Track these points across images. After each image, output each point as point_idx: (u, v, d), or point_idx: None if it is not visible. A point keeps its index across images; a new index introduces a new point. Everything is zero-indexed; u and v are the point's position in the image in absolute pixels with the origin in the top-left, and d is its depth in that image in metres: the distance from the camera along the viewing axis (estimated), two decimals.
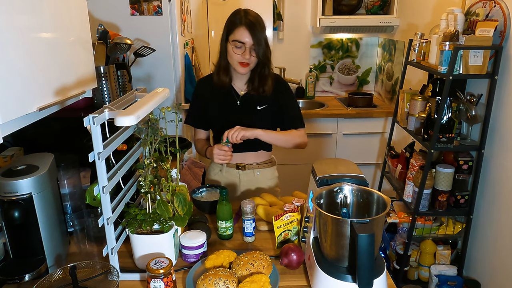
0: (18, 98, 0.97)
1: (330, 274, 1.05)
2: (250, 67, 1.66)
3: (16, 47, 0.96)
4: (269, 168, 1.89)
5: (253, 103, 1.74)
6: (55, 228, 1.22)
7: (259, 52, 1.62)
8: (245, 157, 1.82)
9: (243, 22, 1.60)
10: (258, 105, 1.74)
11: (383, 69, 3.54)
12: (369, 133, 3.27)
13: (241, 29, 1.59)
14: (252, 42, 1.60)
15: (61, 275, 1.09)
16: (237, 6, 3.26)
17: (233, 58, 1.64)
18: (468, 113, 1.97)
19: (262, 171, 1.86)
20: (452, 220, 2.22)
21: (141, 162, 1.31)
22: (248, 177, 1.85)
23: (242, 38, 1.59)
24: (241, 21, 1.60)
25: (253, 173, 1.84)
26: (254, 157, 1.85)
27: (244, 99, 1.75)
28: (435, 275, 2.19)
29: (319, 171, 1.21)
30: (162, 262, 1.07)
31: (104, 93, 1.69)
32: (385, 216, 1.05)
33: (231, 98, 1.76)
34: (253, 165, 1.84)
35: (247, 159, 1.83)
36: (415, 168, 2.14)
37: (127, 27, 2.17)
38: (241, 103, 1.75)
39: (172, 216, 1.21)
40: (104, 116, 1.05)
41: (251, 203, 1.41)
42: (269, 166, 1.89)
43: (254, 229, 1.42)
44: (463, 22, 1.98)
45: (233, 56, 1.63)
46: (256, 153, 1.84)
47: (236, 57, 1.62)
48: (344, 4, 3.35)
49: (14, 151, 1.57)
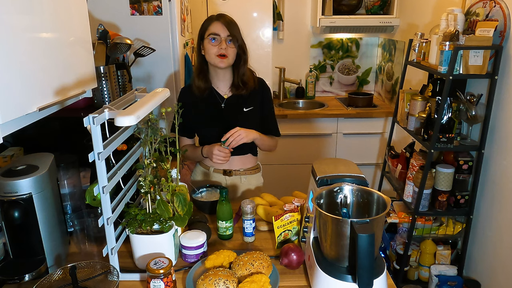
0: (18, 98, 0.97)
1: (330, 274, 1.05)
2: (229, 60, 1.66)
3: (16, 47, 0.96)
4: (255, 175, 1.89)
5: (239, 105, 1.75)
6: (55, 228, 1.22)
7: (235, 43, 1.64)
8: (232, 162, 1.78)
9: (216, 17, 1.66)
10: (244, 107, 1.75)
11: (383, 69, 3.54)
12: (369, 133, 3.27)
13: (215, 23, 1.65)
14: (228, 33, 1.63)
15: (61, 275, 1.09)
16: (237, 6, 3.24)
17: (210, 53, 1.65)
18: (468, 113, 1.97)
19: (248, 177, 1.86)
20: (452, 220, 2.22)
21: (141, 162, 1.31)
22: (234, 182, 1.84)
23: (217, 30, 1.63)
24: (214, 17, 1.66)
25: (239, 179, 1.84)
26: (241, 162, 1.84)
27: (229, 101, 1.76)
28: (435, 275, 2.19)
29: (319, 171, 1.21)
30: (162, 262, 1.07)
31: (104, 93, 1.69)
32: (385, 216, 1.05)
33: (215, 101, 1.76)
34: (239, 171, 1.84)
35: (234, 164, 1.82)
36: (415, 168, 2.14)
37: (127, 27, 2.17)
38: (226, 106, 1.76)
39: (172, 216, 1.21)
40: (104, 116, 1.05)
41: (251, 203, 1.41)
42: (255, 172, 1.89)
43: (254, 229, 1.43)
44: (463, 22, 1.98)
45: (210, 50, 1.64)
46: (244, 157, 1.83)
47: (213, 50, 1.64)
48: (344, 4, 3.35)
49: (14, 151, 1.57)
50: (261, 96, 1.78)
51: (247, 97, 1.75)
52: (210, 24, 1.65)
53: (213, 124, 1.76)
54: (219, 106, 1.76)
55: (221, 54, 1.63)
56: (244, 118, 1.75)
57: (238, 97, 1.75)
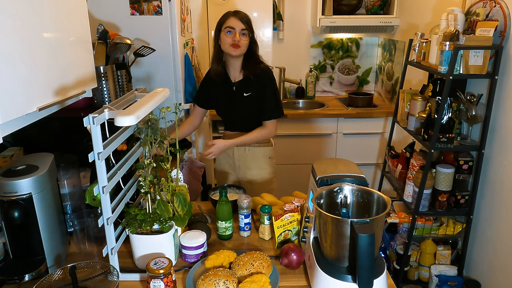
0: (18, 98, 0.96)
1: (330, 274, 1.05)
2: (241, 50, 1.90)
3: (16, 47, 0.96)
4: (260, 148, 2.09)
5: (242, 90, 2.00)
6: (55, 228, 1.22)
7: (247, 35, 1.89)
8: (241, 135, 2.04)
9: (233, 13, 1.91)
10: (245, 92, 1.99)
11: (383, 69, 3.54)
12: (369, 133, 3.27)
13: (231, 18, 1.89)
14: (242, 27, 1.87)
15: (61, 275, 1.09)
16: (237, 6, 3.24)
17: (225, 43, 1.90)
18: (468, 113, 1.97)
19: (252, 149, 2.08)
20: (452, 220, 2.21)
21: (141, 162, 1.31)
22: (240, 153, 2.10)
23: (232, 24, 1.88)
24: (231, 13, 1.91)
25: (244, 150, 2.09)
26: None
27: (237, 85, 2.01)
28: (435, 275, 2.19)
29: (319, 171, 1.21)
30: (162, 262, 1.07)
31: (104, 93, 1.69)
32: (385, 216, 1.05)
33: (228, 84, 2.03)
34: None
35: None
36: (415, 168, 2.14)
37: (127, 27, 2.17)
38: (235, 89, 2.01)
39: (172, 216, 1.21)
40: (104, 116, 1.05)
41: (247, 198, 1.43)
42: (259, 146, 2.09)
43: (249, 224, 1.44)
44: (463, 22, 1.98)
45: (225, 40, 1.89)
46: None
47: (228, 41, 1.89)
48: (344, 4, 3.35)
49: (14, 151, 1.57)
50: (261, 83, 1.97)
51: (251, 83, 1.97)
52: (227, 18, 1.89)
53: (224, 103, 2.06)
54: (231, 89, 2.02)
55: (235, 44, 1.87)
56: (244, 102, 2.00)
57: (243, 83, 2.00)
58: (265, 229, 1.43)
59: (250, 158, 2.10)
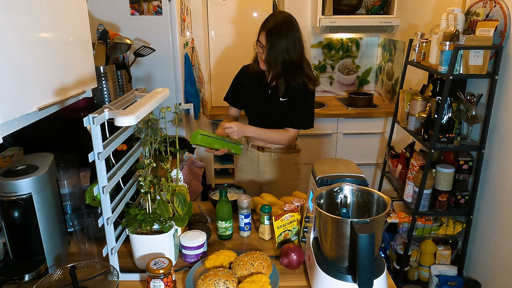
0: (18, 98, 0.96)
1: (330, 274, 1.05)
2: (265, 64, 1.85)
3: (16, 47, 0.96)
4: (286, 154, 2.03)
5: (279, 95, 1.91)
6: (55, 228, 1.22)
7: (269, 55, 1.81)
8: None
9: (263, 26, 1.82)
10: (282, 97, 1.91)
11: (383, 69, 3.53)
12: (369, 133, 3.27)
13: (262, 34, 1.82)
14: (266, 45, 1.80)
15: (61, 275, 1.09)
16: (237, 6, 3.23)
17: (258, 54, 1.88)
18: (468, 113, 1.97)
19: (279, 155, 2.02)
20: (452, 220, 2.21)
21: (141, 162, 1.31)
22: (266, 158, 2.03)
23: (261, 39, 1.83)
24: (266, 26, 1.81)
25: (270, 156, 2.02)
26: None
27: (273, 89, 1.92)
28: (435, 275, 2.19)
29: (319, 171, 1.21)
30: (162, 262, 1.07)
31: (104, 93, 1.69)
32: (385, 216, 1.05)
33: (264, 86, 1.95)
34: (271, 148, 2.00)
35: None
36: (415, 168, 2.14)
37: (127, 27, 2.17)
38: (271, 92, 1.93)
39: (172, 216, 1.21)
40: (104, 116, 1.05)
41: (247, 198, 1.43)
42: (286, 152, 2.03)
43: (249, 224, 1.44)
44: (463, 22, 1.98)
45: (257, 52, 1.87)
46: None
47: (258, 54, 1.87)
48: (344, 4, 3.34)
49: (14, 151, 1.57)
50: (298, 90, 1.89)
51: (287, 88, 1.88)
52: (261, 31, 1.83)
53: (257, 104, 1.98)
54: (266, 91, 1.94)
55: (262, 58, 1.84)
56: (279, 106, 1.92)
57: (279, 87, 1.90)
58: (265, 229, 1.43)
59: (276, 164, 2.03)
